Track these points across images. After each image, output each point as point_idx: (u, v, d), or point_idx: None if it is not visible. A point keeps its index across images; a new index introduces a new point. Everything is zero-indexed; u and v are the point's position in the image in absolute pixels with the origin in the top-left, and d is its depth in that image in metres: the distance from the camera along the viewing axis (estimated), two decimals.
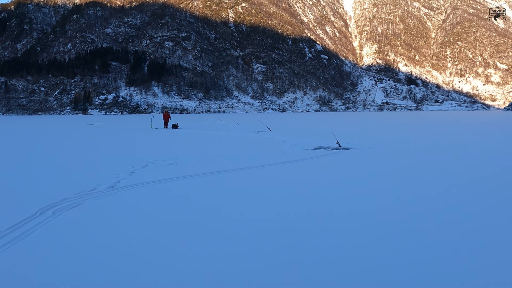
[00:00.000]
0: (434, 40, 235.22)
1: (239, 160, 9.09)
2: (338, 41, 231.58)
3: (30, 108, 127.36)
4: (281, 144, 13.37)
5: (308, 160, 8.90)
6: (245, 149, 11.80)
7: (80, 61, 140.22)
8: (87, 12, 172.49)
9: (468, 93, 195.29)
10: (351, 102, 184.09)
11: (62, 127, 31.75)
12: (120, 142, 15.98)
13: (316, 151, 10.80)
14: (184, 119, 50.46)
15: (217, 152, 11.02)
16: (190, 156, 9.87)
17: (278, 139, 15.61)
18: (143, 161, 8.98)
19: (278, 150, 11.23)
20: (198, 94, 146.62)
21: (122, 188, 6.02)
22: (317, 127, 28.10)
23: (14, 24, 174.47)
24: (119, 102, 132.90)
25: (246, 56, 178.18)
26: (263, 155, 9.92)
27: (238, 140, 15.79)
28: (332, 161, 8.80)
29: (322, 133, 19.46)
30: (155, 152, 11.03)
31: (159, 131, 22.82)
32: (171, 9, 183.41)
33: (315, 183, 6.33)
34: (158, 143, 14.59)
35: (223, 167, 8.07)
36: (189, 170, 7.62)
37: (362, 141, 13.69)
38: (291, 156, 9.73)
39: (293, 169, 7.79)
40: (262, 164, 8.43)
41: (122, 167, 8.01)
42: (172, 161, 8.90)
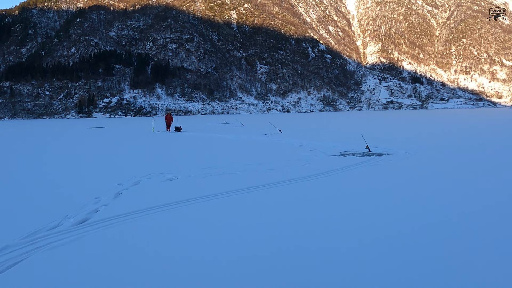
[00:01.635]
0: (438, 38, 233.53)
1: (256, 172, 7.38)
2: (341, 40, 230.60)
3: (35, 112, 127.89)
4: (299, 149, 11.89)
5: (343, 172, 7.33)
6: (260, 156, 10.14)
7: (84, 64, 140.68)
8: (90, 16, 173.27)
9: (473, 90, 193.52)
10: (356, 102, 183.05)
11: (59, 131, 31.13)
12: (115, 148, 14.22)
13: (344, 158, 9.38)
14: (188, 121, 49.71)
15: (226, 160, 9.41)
16: (194, 167, 8.23)
17: (293, 142, 14.24)
18: (137, 174, 7.40)
19: (299, 157, 9.70)
20: (201, 96, 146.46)
21: (96, 224, 4.21)
22: (330, 128, 26.58)
23: (19, 29, 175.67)
24: (123, 105, 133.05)
25: (249, 57, 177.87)
26: (284, 165, 8.34)
27: (249, 144, 14.31)
28: (374, 173, 7.19)
29: (340, 135, 17.86)
30: (153, 162, 9.46)
31: (161, 135, 21.60)
32: (174, 12, 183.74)
33: (371, 207, 4.68)
34: (158, 150, 12.91)
35: (237, 183, 6.33)
36: (192, 189, 5.99)
37: (391, 145, 12.16)
38: (318, 165, 8.19)
39: (331, 185, 6.12)
40: (288, 178, 6.67)
41: (108, 185, 6.36)
42: (172, 175, 7.25)
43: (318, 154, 10.20)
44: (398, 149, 10.79)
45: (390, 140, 14.06)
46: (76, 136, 23.35)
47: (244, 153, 11.16)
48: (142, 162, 9.56)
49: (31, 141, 19.68)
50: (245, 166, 8.20)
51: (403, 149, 10.74)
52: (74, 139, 20.39)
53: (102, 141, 18.75)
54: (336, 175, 7.03)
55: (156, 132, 24.09)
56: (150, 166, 8.62)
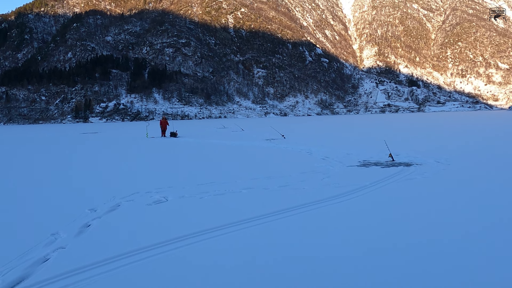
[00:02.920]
0: (434, 41, 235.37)
1: (266, 191, 6.04)
2: (338, 44, 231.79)
3: (31, 117, 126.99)
4: (310, 157, 10.60)
5: (376, 189, 6.06)
6: (267, 167, 8.85)
7: (80, 69, 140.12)
8: (87, 21, 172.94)
9: (470, 93, 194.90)
10: (353, 105, 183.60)
11: (49, 137, 30.12)
12: (101, 158, 12.58)
13: (367, 169, 8.20)
14: (184, 125, 49.13)
15: (227, 173, 8.10)
16: (189, 183, 6.93)
17: (300, 149, 12.93)
18: (118, 194, 6.02)
19: (313, 168, 8.47)
20: (199, 100, 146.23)
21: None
22: (335, 132, 25.00)
23: (15, 34, 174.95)
24: (120, 110, 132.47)
25: (247, 61, 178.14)
26: (298, 179, 6.98)
27: (251, 151, 12.94)
28: (415, 190, 5.87)
29: (350, 141, 16.44)
30: (141, 176, 8.07)
31: (155, 141, 20.22)
32: (171, 16, 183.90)
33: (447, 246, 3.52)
34: (148, 160, 11.36)
35: (244, 208, 4.96)
36: (184, 218, 4.63)
37: (412, 152, 10.89)
38: (341, 179, 6.86)
39: (372, 211, 4.68)
40: (310, 199, 5.30)
41: (76, 212, 5.02)
42: (160, 194, 5.93)
43: (334, 164, 9.04)
44: (424, 158, 9.67)
45: (407, 146, 12.76)
46: (64, 143, 22.08)
47: (247, 163, 9.94)
48: (127, 176, 8.16)
49: (11, 149, 18.23)
50: (251, 182, 6.88)
51: (430, 158, 9.61)
52: (61, 146, 19.12)
53: (89, 149, 17.23)
54: (370, 194, 5.70)
55: (150, 138, 22.94)
56: (137, 181, 7.28)
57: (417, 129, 26.17)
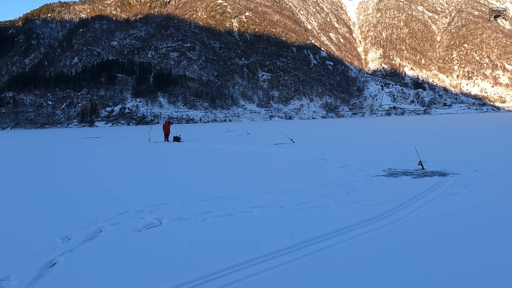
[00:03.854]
0: (439, 43, 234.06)
1: (282, 210, 5.04)
2: (342, 47, 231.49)
3: (37, 122, 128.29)
4: (326, 164, 9.59)
5: (419, 207, 5.01)
6: (279, 177, 7.83)
7: (86, 74, 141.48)
8: (93, 26, 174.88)
9: (476, 95, 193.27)
10: (358, 108, 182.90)
11: (49, 142, 29.64)
12: (95, 166, 11.45)
13: (396, 180, 7.19)
14: (189, 129, 48.61)
15: (234, 184, 7.17)
16: (189, 198, 5.94)
17: (313, 155, 11.86)
18: (103, 214, 5.06)
19: (333, 178, 7.48)
20: (204, 104, 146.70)
21: None
22: (346, 136, 23.76)
23: (22, 39, 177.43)
24: (125, 114, 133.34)
25: (251, 65, 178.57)
26: (319, 193, 6.01)
27: (260, 158, 11.90)
28: (465, 207, 4.95)
29: (365, 146, 15.27)
30: (134, 189, 7.06)
31: (157, 146, 19.25)
32: (176, 21, 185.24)
33: None
34: (146, 169, 10.28)
35: (259, 239, 3.88)
36: (180, 251, 3.62)
37: (442, 159, 9.77)
38: (370, 194, 5.85)
39: (425, 243, 3.62)
40: (340, 226, 4.21)
41: (42, 242, 3.96)
42: (154, 215, 4.96)
43: (356, 174, 8.01)
44: (457, 166, 8.61)
45: (430, 152, 11.50)
46: (60, 148, 21.25)
47: (256, 172, 8.88)
48: (118, 189, 7.12)
49: (6, 155, 17.49)
50: (263, 197, 5.84)
51: (464, 165, 8.57)
52: (53, 152, 18.23)
53: (86, 155, 16.20)
54: (415, 215, 4.59)
55: (152, 143, 22.19)
56: (128, 196, 6.29)
57: (433, 132, 24.54)
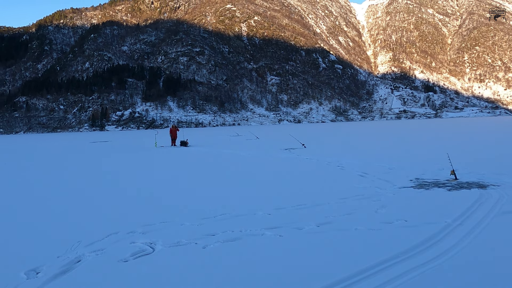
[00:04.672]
0: (450, 46, 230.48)
1: (300, 233, 4.23)
2: (351, 50, 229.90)
3: (49, 126, 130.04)
4: (344, 173, 8.79)
5: (470, 233, 4.03)
6: (293, 189, 6.99)
7: (97, 78, 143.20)
8: (104, 32, 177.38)
9: (489, 98, 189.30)
10: (368, 111, 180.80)
11: (55, 146, 29.43)
12: (90, 174, 10.59)
13: (428, 192, 6.31)
14: (197, 133, 48.20)
15: (243, 198, 6.37)
16: (189, 215, 5.19)
17: (328, 161, 11.01)
18: (86, 236, 4.28)
19: (355, 190, 6.61)
20: (213, 108, 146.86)
21: None
22: (360, 140, 22.64)
23: (35, 45, 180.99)
24: (135, 118, 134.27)
25: (260, 69, 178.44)
26: (342, 210, 5.14)
27: (270, 165, 11.05)
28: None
29: (382, 151, 14.18)
30: (129, 202, 6.24)
31: (163, 151, 18.74)
32: (185, 25, 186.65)
33: None
34: (146, 177, 9.47)
35: (274, 276, 3.11)
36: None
37: (477, 168, 8.80)
38: (402, 211, 5.01)
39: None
40: (379, 259, 3.31)
41: (4, 277, 3.21)
42: (147, 238, 4.16)
43: (380, 185, 7.12)
44: (495, 175, 7.65)
45: (458, 158, 10.26)
46: (65, 153, 20.78)
47: (267, 181, 7.95)
48: (111, 203, 6.28)
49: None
50: (276, 215, 4.98)
51: (503, 175, 7.60)
52: (58, 157, 17.83)
53: (87, 161, 15.46)
54: (471, 246, 3.59)
55: (159, 147, 21.83)
56: (121, 212, 5.45)
57: (451, 137, 23.35)
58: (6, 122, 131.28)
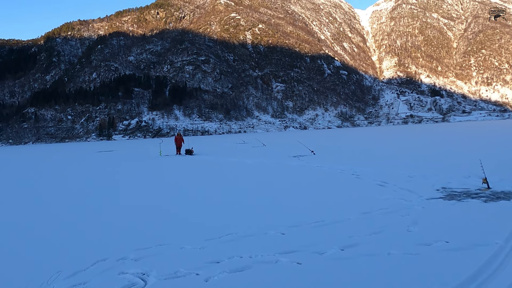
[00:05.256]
0: (456, 50, 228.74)
1: (322, 260, 3.56)
2: (356, 56, 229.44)
3: (58, 136, 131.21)
4: (360, 182, 8.06)
5: None
6: (307, 202, 6.28)
7: (104, 88, 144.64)
8: (110, 42, 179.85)
9: (497, 101, 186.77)
10: (374, 117, 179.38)
11: (58, 156, 29.12)
12: (93, 187, 9.89)
13: (462, 204, 5.61)
14: (203, 141, 47.93)
15: (251, 214, 5.64)
16: (191, 235, 4.53)
17: (340, 170, 10.35)
18: (68, 263, 3.68)
19: (378, 203, 5.87)
20: (218, 116, 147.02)
21: None
22: (371, 146, 21.77)
23: (44, 57, 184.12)
24: (142, 127, 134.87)
25: (265, 76, 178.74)
26: (364, 228, 4.48)
27: (279, 174, 10.42)
28: None
29: (398, 158, 13.26)
30: (124, 220, 5.53)
31: (167, 160, 18.32)
32: (190, 35, 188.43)
33: None
34: (147, 189, 8.79)
35: None
36: None
37: (509, 174, 8.08)
38: (438, 229, 4.29)
39: None
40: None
41: None
42: (140, 266, 3.60)
43: (404, 196, 6.36)
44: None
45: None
46: (68, 162, 20.36)
47: (278, 192, 7.26)
48: (104, 220, 5.59)
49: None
50: (291, 234, 4.31)
51: None
52: (58, 167, 17.25)
53: (87, 171, 14.68)
54: None
55: (164, 156, 21.49)
56: (113, 232, 4.76)
57: (467, 141, 22.23)
58: (15, 133, 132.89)
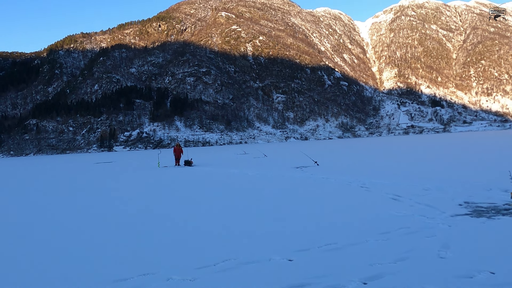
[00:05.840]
0: (455, 61, 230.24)
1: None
2: (356, 67, 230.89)
3: (59, 147, 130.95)
4: (371, 196, 7.45)
5: None
6: (315, 221, 5.54)
7: (106, 100, 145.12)
8: (113, 55, 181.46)
9: (497, 112, 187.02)
10: (375, 127, 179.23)
11: (53, 168, 28.67)
12: (86, 202, 9.16)
13: (494, 222, 5.08)
14: (204, 152, 47.45)
15: (253, 235, 4.98)
16: (183, 261, 4.01)
17: (348, 182, 9.73)
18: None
19: (397, 221, 5.20)
20: (219, 127, 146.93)
21: None
22: (374, 157, 21.11)
23: (46, 69, 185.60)
24: (143, 138, 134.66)
25: (266, 87, 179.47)
26: (387, 254, 3.82)
27: (282, 187, 9.76)
28: None
29: (408, 169, 12.48)
30: (106, 243, 4.94)
31: (165, 171, 17.86)
32: (192, 47, 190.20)
33: None
34: (136, 203, 8.17)
35: None
36: None
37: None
38: (476, 254, 3.70)
39: None
40: None
41: None
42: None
43: (424, 211, 5.72)
44: None
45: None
46: (60, 174, 19.89)
47: (281, 209, 6.55)
48: (82, 244, 4.94)
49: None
50: (300, 260, 3.71)
51: None
52: (51, 180, 16.80)
53: (84, 186, 13.52)
54: None
55: (162, 167, 21.10)
56: (90, 260, 4.14)
57: (470, 150, 21.48)
58: (17, 144, 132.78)
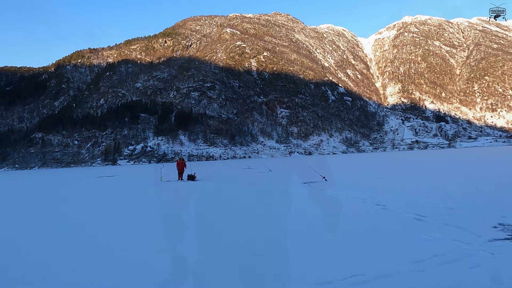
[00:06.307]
0: (459, 77, 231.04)
1: None
2: (360, 82, 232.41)
3: (63, 161, 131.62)
4: (390, 216, 6.94)
5: None
6: (335, 243, 5.06)
7: (111, 114, 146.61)
8: (119, 69, 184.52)
9: (503, 127, 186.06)
10: (379, 142, 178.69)
11: (54, 181, 28.68)
12: (78, 225, 8.14)
13: None
14: (208, 166, 47.39)
15: (261, 262, 4.51)
16: None
17: (361, 199, 9.20)
18: None
19: (430, 247, 4.71)
20: (223, 141, 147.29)
21: None
22: (383, 172, 20.44)
23: (53, 84, 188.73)
24: (147, 152, 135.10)
25: (270, 102, 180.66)
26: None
27: (293, 203, 9.17)
28: None
29: (423, 186, 11.88)
30: (101, 277, 4.40)
31: (168, 186, 17.49)
32: (197, 62, 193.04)
33: None
34: (130, 227, 7.32)
35: None
36: None
37: None
38: None
39: None
40: None
41: None
42: None
43: (456, 235, 5.19)
44: None
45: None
46: (61, 188, 19.70)
47: (294, 231, 5.82)
48: (63, 278, 4.39)
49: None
50: None
51: None
52: (44, 194, 16.60)
53: (82, 204, 12.47)
54: None
55: (165, 182, 20.66)
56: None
57: (477, 164, 21.11)
58: (22, 157, 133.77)
